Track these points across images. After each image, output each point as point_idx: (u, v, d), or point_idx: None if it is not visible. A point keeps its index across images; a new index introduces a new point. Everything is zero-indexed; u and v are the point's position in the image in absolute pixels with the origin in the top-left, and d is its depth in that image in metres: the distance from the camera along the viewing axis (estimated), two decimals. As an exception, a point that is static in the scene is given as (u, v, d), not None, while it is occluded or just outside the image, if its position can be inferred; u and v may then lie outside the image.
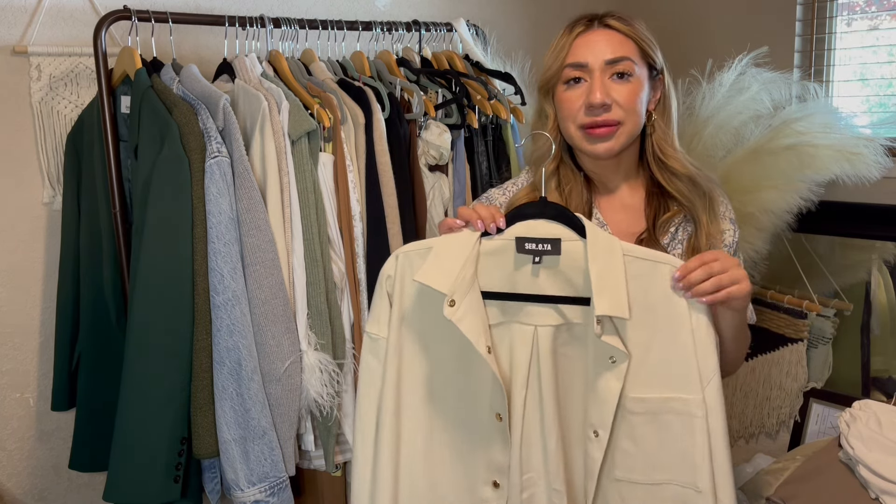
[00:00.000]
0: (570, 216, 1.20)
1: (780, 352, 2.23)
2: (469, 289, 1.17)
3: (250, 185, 1.54)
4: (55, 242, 1.80)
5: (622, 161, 1.38)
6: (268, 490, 1.55)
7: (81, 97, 1.81)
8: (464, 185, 1.94)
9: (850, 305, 2.17)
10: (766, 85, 2.06)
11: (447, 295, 1.15)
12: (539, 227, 1.20)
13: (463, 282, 1.17)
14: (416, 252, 1.24)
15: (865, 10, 2.35)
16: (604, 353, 1.17)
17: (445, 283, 1.16)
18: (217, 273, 1.51)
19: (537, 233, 1.20)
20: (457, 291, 1.16)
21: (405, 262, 1.25)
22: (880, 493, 1.54)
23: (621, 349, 1.15)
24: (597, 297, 1.13)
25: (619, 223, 1.39)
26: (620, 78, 1.30)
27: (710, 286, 1.12)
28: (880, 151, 1.96)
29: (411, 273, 1.23)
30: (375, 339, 1.27)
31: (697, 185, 1.36)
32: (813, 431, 2.18)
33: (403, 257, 1.25)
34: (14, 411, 1.83)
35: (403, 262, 1.25)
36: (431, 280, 1.16)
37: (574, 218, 1.20)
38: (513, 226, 1.21)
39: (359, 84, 1.80)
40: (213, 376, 1.53)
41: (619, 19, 1.33)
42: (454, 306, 1.16)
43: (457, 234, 1.22)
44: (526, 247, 1.20)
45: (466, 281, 1.17)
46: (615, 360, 1.16)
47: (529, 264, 1.21)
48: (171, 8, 1.78)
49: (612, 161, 1.37)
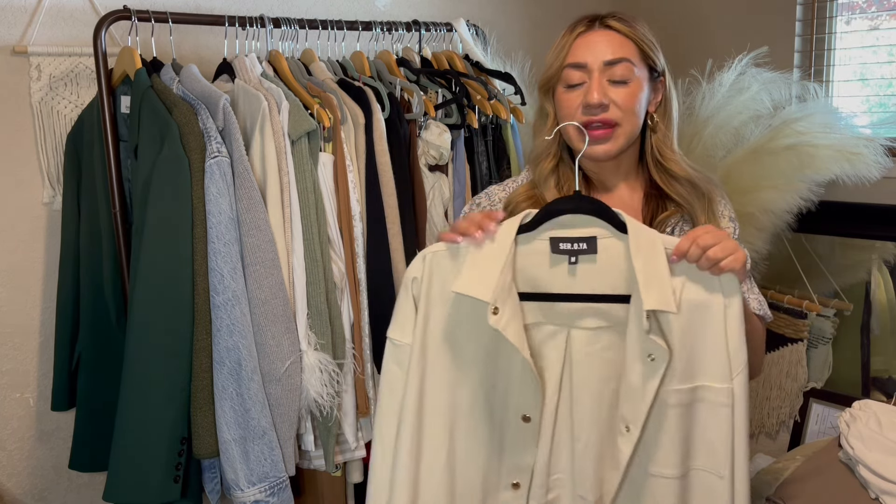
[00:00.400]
0: (607, 211, 1.17)
1: (779, 352, 2.23)
2: (509, 294, 1.15)
3: (250, 185, 1.54)
4: (55, 242, 1.80)
5: (621, 162, 1.39)
6: (268, 490, 1.55)
7: (81, 97, 1.81)
8: (464, 185, 1.94)
9: (850, 305, 2.17)
10: (766, 85, 2.06)
11: (490, 303, 1.12)
12: (574, 224, 1.17)
13: (503, 288, 1.14)
14: (445, 252, 1.20)
15: (865, 10, 2.35)
16: (643, 351, 1.14)
17: (487, 291, 1.13)
18: (217, 273, 1.51)
19: (572, 231, 1.17)
20: (498, 298, 1.13)
21: (433, 262, 1.21)
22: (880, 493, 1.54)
23: (664, 346, 1.13)
24: (644, 293, 1.11)
25: None
26: (619, 79, 1.31)
27: (705, 263, 1.13)
28: (880, 151, 1.96)
29: (440, 275, 1.20)
30: (399, 345, 1.23)
31: (696, 188, 1.36)
32: (813, 431, 2.18)
33: (431, 257, 1.21)
34: (14, 411, 1.83)
35: (431, 263, 1.21)
36: (472, 290, 1.13)
37: (612, 213, 1.17)
38: (547, 222, 1.18)
39: (359, 84, 1.81)
40: (213, 376, 1.53)
41: (621, 20, 1.33)
42: (498, 314, 1.13)
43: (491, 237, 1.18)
44: (561, 247, 1.17)
45: (507, 286, 1.15)
46: (654, 357, 1.14)
47: (566, 263, 1.18)
48: (171, 8, 1.78)
49: (612, 162, 1.37)
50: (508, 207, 1.38)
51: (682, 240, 1.14)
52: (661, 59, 1.37)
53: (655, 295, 1.11)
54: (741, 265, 1.13)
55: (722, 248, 1.12)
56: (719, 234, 1.14)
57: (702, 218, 1.35)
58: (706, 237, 1.13)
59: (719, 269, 1.13)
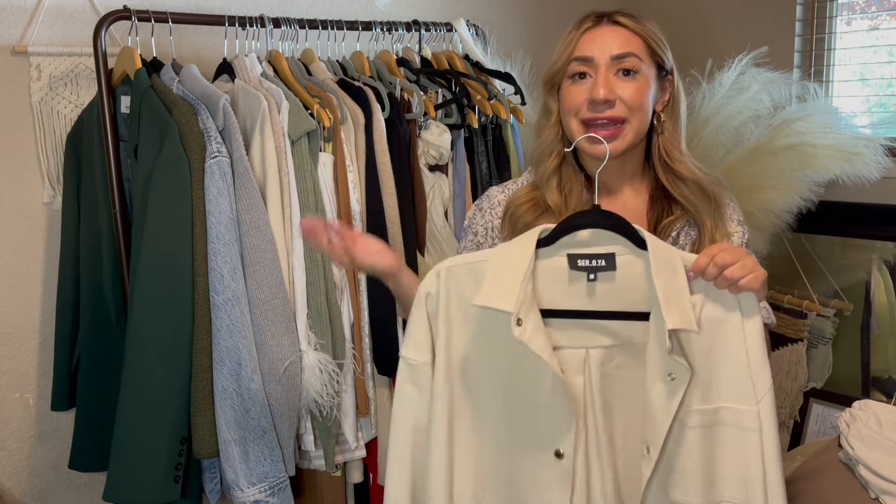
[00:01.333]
0: (627, 227, 1.13)
1: (779, 352, 2.23)
2: (531, 306, 1.10)
3: (250, 185, 1.54)
4: (55, 242, 1.80)
5: (626, 162, 1.35)
6: (268, 490, 1.55)
7: (81, 97, 1.81)
8: (464, 185, 1.94)
9: (850, 305, 2.17)
10: (766, 85, 2.06)
11: (513, 314, 1.07)
12: (592, 240, 1.14)
13: (526, 300, 1.09)
14: (462, 266, 1.15)
15: (865, 10, 2.35)
16: (663, 370, 1.11)
17: (509, 301, 1.08)
18: (217, 273, 1.51)
19: (590, 247, 1.13)
20: (521, 309, 1.08)
21: (448, 278, 1.15)
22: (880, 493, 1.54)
23: (685, 365, 1.10)
24: (666, 312, 1.07)
25: None
26: (626, 75, 1.28)
27: (723, 283, 1.11)
28: (880, 151, 1.96)
29: (458, 290, 1.14)
30: (413, 364, 1.16)
31: (703, 191, 1.33)
32: (813, 431, 2.18)
33: (446, 273, 1.15)
34: (14, 411, 1.83)
35: (447, 279, 1.15)
36: (494, 301, 1.08)
37: (632, 229, 1.13)
38: (565, 237, 1.14)
39: (359, 84, 1.80)
40: (213, 376, 1.53)
41: (629, 16, 1.31)
42: (521, 325, 1.08)
43: (509, 249, 1.14)
44: (579, 263, 1.13)
45: (529, 298, 1.10)
46: (674, 377, 1.11)
47: (584, 280, 1.14)
48: (171, 8, 1.78)
49: (616, 162, 1.33)
50: (509, 209, 1.36)
51: (700, 256, 1.12)
52: (669, 58, 1.34)
53: (677, 314, 1.08)
54: (760, 284, 1.11)
55: (741, 267, 1.09)
56: (737, 251, 1.11)
57: (708, 222, 1.32)
58: (724, 255, 1.10)
59: (738, 287, 1.10)
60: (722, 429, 1.13)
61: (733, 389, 1.12)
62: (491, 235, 1.38)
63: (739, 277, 1.09)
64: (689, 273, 1.12)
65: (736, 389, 1.12)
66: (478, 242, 1.39)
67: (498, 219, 1.38)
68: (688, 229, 1.35)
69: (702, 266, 1.11)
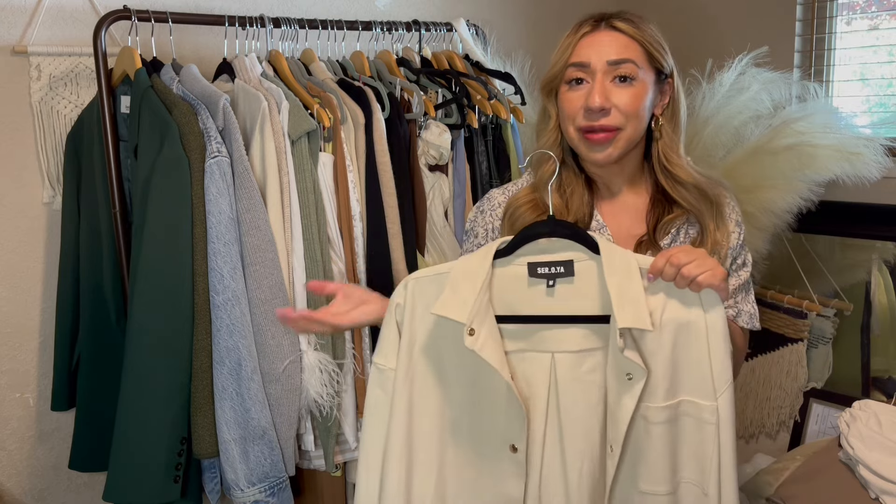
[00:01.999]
0: (581, 235, 1.18)
1: (780, 352, 2.23)
2: (486, 315, 1.15)
3: (250, 185, 1.54)
4: (55, 242, 1.80)
5: (625, 165, 1.36)
6: (268, 490, 1.55)
7: (81, 97, 1.81)
8: (464, 185, 1.94)
9: (850, 305, 2.17)
10: (766, 85, 2.06)
11: (465, 324, 1.12)
12: (550, 248, 1.18)
13: (480, 309, 1.14)
14: (428, 278, 1.21)
15: (865, 10, 2.35)
16: (621, 371, 1.15)
17: (463, 312, 1.13)
18: (217, 273, 1.51)
19: (548, 255, 1.18)
20: (475, 319, 1.13)
21: (416, 288, 1.21)
22: (880, 493, 1.54)
23: (640, 365, 1.13)
24: (618, 311, 1.11)
25: (620, 225, 1.38)
26: (623, 81, 1.28)
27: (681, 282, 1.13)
28: (880, 151, 1.96)
29: (423, 300, 1.20)
30: (382, 369, 1.23)
31: (704, 194, 1.33)
32: (813, 431, 2.18)
33: (413, 284, 1.21)
34: (14, 411, 1.83)
35: (414, 289, 1.21)
36: (448, 311, 1.14)
37: (586, 236, 1.18)
38: (523, 247, 1.18)
39: (359, 84, 1.80)
40: (213, 376, 1.53)
41: (627, 21, 1.30)
42: (474, 335, 1.13)
43: (470, 261, 1.18)
44: (539, 271, 1.17)
45: (483, 308, 1.15)
46: (632, 377, 1.14)
47: (543, 286, 1.18)
48: (171, 8, 1.78)
49: (615, 165, 1.34)
50: (508, 210, 1.37)
51: (657, 258, 1.14)
52: (668, 62, 1.33)
53: (630, 313, 1.11)
54: (720, 280, 1.13)
55: (698, 265, 1.12)
56: (695, 251, 1.14)
57: (710, 224, 1.33)
58: (680, 255, 1.12)
59: (697, 285, 1.12)
60: (684, 419, 1.18)
61: (695, 385, 1.17)
62: (492, 237, 1.39)
63: (697, 274, 1.12)
64: (648, 275, 1.15)
65: (697, 385, 1.17)
66: (479, 244, 1.40)
67: (498, 220, 1.38)
68: (687, 227, 1.36)
69: (659, 267, 1.13)
